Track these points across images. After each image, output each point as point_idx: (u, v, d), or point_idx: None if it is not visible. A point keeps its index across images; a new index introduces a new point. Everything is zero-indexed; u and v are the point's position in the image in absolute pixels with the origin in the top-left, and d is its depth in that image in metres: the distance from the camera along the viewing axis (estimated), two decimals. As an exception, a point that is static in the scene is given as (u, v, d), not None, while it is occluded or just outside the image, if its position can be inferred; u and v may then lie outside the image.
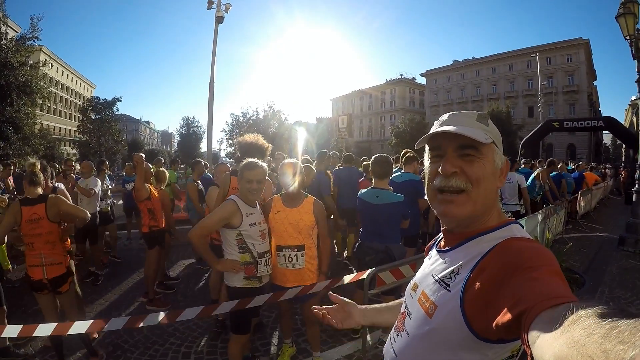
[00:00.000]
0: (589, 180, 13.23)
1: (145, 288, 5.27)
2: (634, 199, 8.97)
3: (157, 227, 5.36)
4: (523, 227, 1.09)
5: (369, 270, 3.42)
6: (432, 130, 1.09)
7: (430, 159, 1.13)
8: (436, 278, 1.06)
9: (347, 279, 3.52)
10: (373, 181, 4.27)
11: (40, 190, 3.72)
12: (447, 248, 1.12)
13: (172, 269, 6.84)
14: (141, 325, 2.80)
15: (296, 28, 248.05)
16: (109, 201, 7.70)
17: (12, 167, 9.09)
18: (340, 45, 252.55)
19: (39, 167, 3.86)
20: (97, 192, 6.67)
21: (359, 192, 4.37)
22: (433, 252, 1.21)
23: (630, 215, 8.93)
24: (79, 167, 8.79)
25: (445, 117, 1.12)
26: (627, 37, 8.35)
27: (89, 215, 3.93)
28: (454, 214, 1.05)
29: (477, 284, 0.90)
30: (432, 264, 1.15)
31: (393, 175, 5.44)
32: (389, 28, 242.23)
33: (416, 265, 3.80)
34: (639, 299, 5.63)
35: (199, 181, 7.22)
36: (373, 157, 4.31)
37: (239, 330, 3.22)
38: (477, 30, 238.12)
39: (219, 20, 14.80)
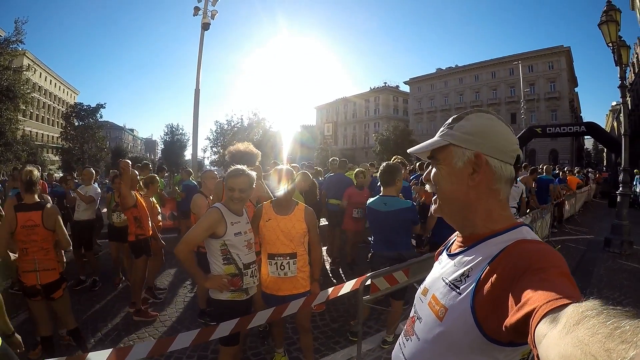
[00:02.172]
0: (572, 184, 13.41)
1: (132, 298, 5.16)
2: (618, 201, 9.11)
3: (143, 235, 5.26)
4: (533, 229, 1.06)
5: (363, 278, 3.38)
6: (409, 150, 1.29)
7: None
8: (447, 281, 1.05)
9: (348, 285, 3.48)
10: (382, 189, 4.30)
11: (36, 197, 3.71)
12: (457, 251, 1.12)
13: (158, 279, 6.68)
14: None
15: (281, 37, 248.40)
16: (123, 215, 6.00)
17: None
18: (325, 54, 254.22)
19: (36, 174, 3.81)
20: (96, 200, 6.72)
21: (368, 201, 4.39)
22: (443, 257, 1.20)
23: (615, 217, 9.07)
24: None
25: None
26: (610, 44, 8.51)
27: (70, 247, 4.04)
28: (434, 212, 1.18)
29: (488, 285, 0.89)
30: (442, 267, 1.14)
31: None
32: (373, 36, 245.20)
33: (409, 271, 3.79)
34: (627, 298, 5.72)
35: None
36: (382, 165, 4.36)
37: (228, 343, 3.09)
38: (460, 38, 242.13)
39: (205, 27, 14.73)
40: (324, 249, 7.35)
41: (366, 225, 5.94)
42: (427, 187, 1.20)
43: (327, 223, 7.79)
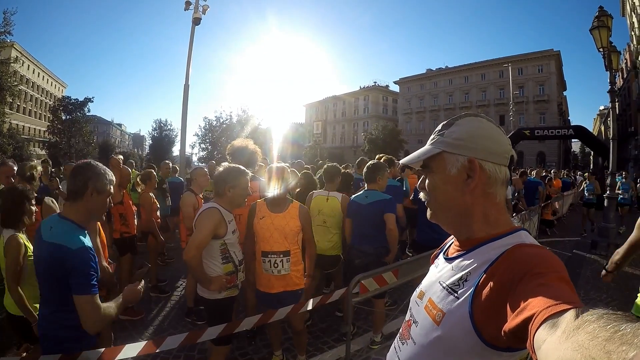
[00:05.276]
0: (556, 185, 13.52)
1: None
2: (605, 204, 9.20)
3: (129, 233, 5.20)
4: (530, 233, 1.04)
5: (354, 279, 3.36)
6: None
7: None
8: (444, 285, 1.05)
9: (339, 293, 3.47)
10: (365, 185, 4.39)
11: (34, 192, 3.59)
12: (455, 255, 1.11)
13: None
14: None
15: (271, 35, 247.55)
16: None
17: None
18: (314, 51, 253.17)
19: (40, 170, 3.72)
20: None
21: (352, 196, 4.47)
22: (440, 260, 1.19)
23: (602, 220, 9.16)
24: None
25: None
26: (601, 50, 8.58)
27: None
28: (428, 218, 1.17)
29: (486, 290, 0.89)
30: (440, 271, 1.13)
31: None
32: (363, 35, 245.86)
33: (399, 272, 3.78)
34: (614, 300, 5.83)
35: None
36: (368, 163, 4.46)
37: (221, 342, 3.09)
38: (451, 40, 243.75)
39: (196, 21, 14.60)
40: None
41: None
42: (422, 195, 1.18)
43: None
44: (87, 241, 2.07)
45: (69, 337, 2.08)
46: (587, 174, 12.12)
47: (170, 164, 9.15)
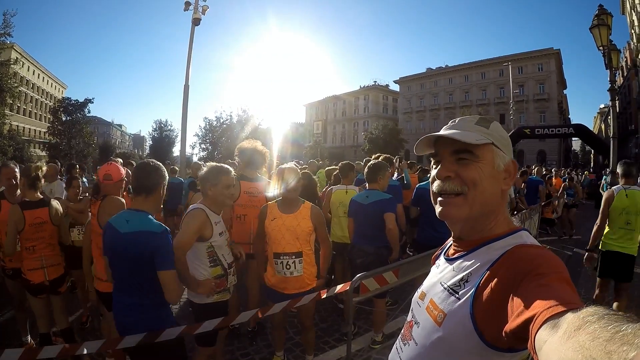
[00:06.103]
0: (556, 185, 13.49)
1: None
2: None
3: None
4: (531, 232, 1.04)
5: (354, 279, 3.36)
6: (425, 136, 1.11)
7: (433, 164, 1.13)
8: (445, 286, 1.04)
9: (337, 288, 3.47)
10: (366, 185, 4.41)
11: (40, 194, 3.67)
12: (456, 256, 1.10)
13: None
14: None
15: (271, 35, 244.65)
16: None
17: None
18: (315, 51, 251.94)
19: (44, 170, 3.77)
20: (63, 198, 6.49)
21: (353, 196, 4.49)
22: (441, 261, 1.19)
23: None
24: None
25: (449, 123, 1.14)
26: (601, 48, 8.56)
27: (70, 242, 4.11)
28: (451, 215, 1.06)
29: (488, 291, 0.89)
30: (441, 272, 1.13)
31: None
32: (364, 35, 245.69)
33: (399, 271, 3.78)
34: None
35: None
36: (368, 163, 4.49)
37: (206, 343, 3.07)
38: (451, 39, 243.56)
39: (196, 22, 14.55)
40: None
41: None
42: (437, 185, 1.08)
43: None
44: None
45: (148, 320, 2.44)
46: (567, 179, 12.09)
47: (202, 164, 9.16)
